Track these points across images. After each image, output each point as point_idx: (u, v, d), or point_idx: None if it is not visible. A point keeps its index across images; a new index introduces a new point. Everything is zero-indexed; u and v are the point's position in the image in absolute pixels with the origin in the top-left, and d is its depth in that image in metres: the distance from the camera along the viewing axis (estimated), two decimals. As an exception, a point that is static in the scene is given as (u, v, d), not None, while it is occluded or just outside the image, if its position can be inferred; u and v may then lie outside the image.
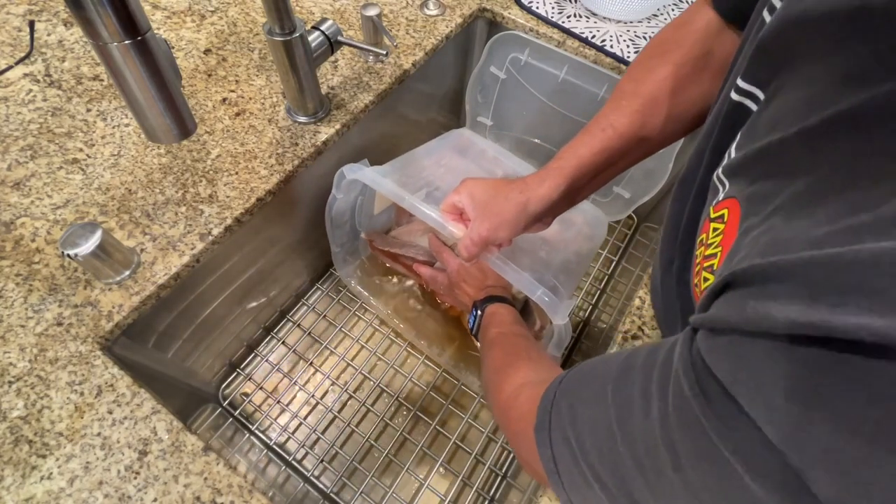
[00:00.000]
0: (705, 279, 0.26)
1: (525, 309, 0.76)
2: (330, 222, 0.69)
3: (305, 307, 0.82)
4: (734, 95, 0.29)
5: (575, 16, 0.77)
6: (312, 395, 0.74)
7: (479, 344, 0.60)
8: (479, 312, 0.63)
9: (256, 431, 0.71)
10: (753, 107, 0.28)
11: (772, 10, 0.27)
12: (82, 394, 0.43)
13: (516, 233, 0.46)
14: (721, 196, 0.26)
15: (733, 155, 0.27)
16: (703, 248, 0.27)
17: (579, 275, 0.69)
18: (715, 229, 0.26)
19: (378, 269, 0.84)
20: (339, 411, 0.73)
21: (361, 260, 0.83)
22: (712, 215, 0.27)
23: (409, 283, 0.84)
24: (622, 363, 0.27)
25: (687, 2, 0.80)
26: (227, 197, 0.54)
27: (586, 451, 0.26)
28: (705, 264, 0.26)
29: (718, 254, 0.25)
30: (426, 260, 0.75)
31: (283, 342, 0.79)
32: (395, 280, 0.84)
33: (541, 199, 0.44)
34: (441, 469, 0.69)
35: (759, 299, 0.18)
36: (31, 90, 0.60)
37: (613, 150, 0.43)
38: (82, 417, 0.42)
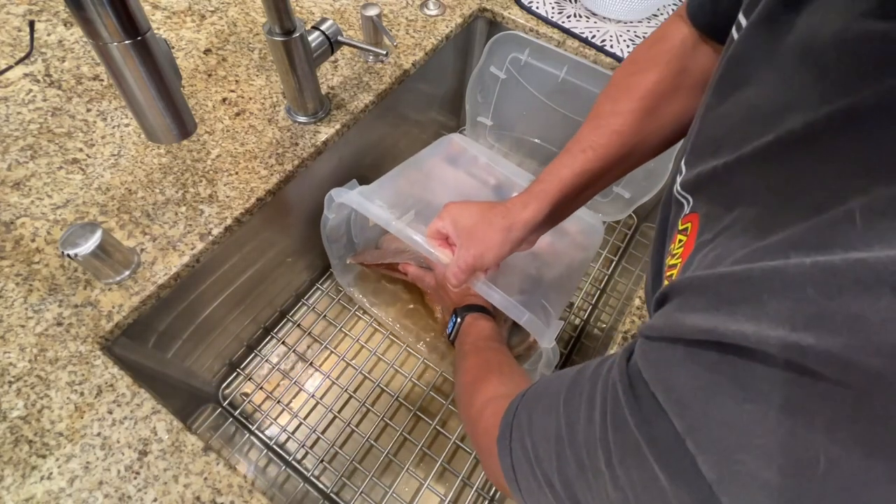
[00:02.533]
0: None
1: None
2: (326, 239, 0.70)
3: (305, 307, 0.82)
4: None
5: (575, 16, 0.77)
6: (312, 395, 0.74)
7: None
8: (458, 320, 0.64)
9: (256, 431, 0.71)
10: None
11: (739, 27, 0.28)
12: (82, 394, 0.43)
13: (502, 257, 0.46)
14: (687, 210, 0.28)
15: (683, 170, 0.30)
16: (669, 258, 0.29)
17: (571, 290, 0.68)
18: (680, 241, 0.28)
19: (377, 275, 0.84)
20: (339, 411, 0.73)
21: (361, 269, 0.83)
22: (679, 227, 0.29)
23: (408, 294, 0.84)
24: (574, 375, 0.28)
25: (687, 2, 0.80)
26: (227, 197, 0.54)
27: (539, 457, 0.28)
28: (667, 273, 0.29)
29: (678, 264, 0.27)
30: (418, 263, 0.75)
31: (283, 342, 0.79)
32: (394, 286, 0.84)
33: (524, 224, 0.44)
34: (441, 469, 0.69)
35: (683, 310, 0.21)
36: (31, 90, 0.60)
37: (594, 171, 0.44)
38: (82, 417, 0.42)
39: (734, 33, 0.28)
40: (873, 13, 0.18)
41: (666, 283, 0.27)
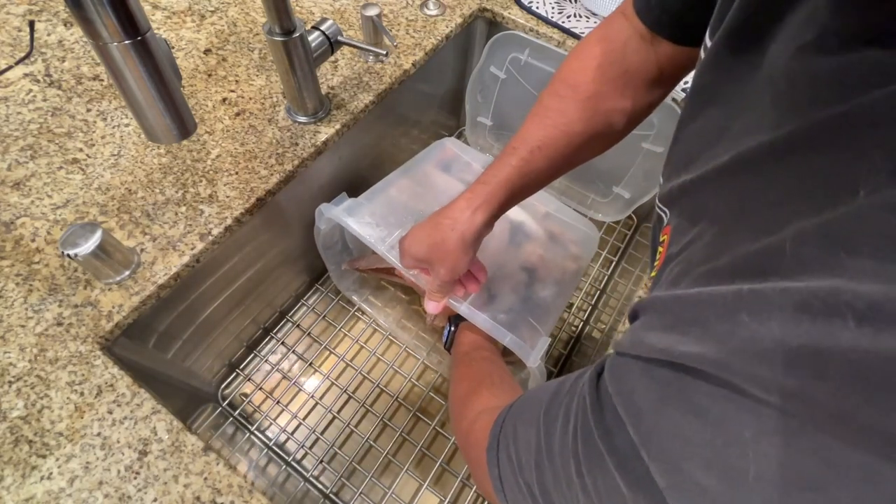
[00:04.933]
0: None
1: None
2: (321, 247, 0.70)
3: (305, 307, 0.82)
4: None
5: (575, 16, 0.77)
6: (312, 395, 0.74)
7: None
8: (453, 328, 0.64)
9: (256, 431, 0.71)
10: None
11: (705, 48, 0.29)
12: (82, 394, 0.43)
13: (471, 257, 0.47)
14: (665, 222, 0.29)
15: (661, 183, 0.31)
16: (653, 271, 0.30)
17: (561, 306, 0.67)
18: (658, 252, 0.29)
19: (375, 279, 0.84)
20: (339, 411, 0.73)
21: (360, 274, 0.83)
22: (660, 239, 0.29)
23: (407, 296, 0.84)
24: (556, 387, 0.29)
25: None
26: (227, 197, 0.54)
27: (522, 466, 0.29)
28: (649, 284, 0.30)
29: (655, 276, 0.28)
30: None
31: (282, 342, 0.79)
32: (393, 288, 0.84)
33: (475, 228, 0.45)
34: (440, 469, 0.69)
35: (646, 328, 0.22)
36: (31, 90, 0.60)
37: (541, 170, 0.44)
38: (82, 417, 0.42)
39: (701, 53, 0.29)
40: (814, 46, 0.19)
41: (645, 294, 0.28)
